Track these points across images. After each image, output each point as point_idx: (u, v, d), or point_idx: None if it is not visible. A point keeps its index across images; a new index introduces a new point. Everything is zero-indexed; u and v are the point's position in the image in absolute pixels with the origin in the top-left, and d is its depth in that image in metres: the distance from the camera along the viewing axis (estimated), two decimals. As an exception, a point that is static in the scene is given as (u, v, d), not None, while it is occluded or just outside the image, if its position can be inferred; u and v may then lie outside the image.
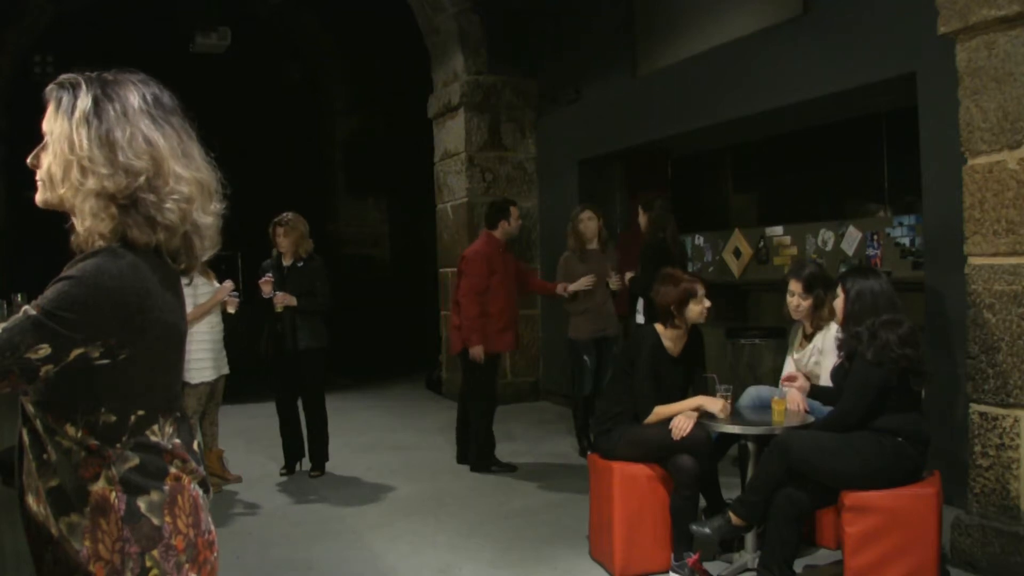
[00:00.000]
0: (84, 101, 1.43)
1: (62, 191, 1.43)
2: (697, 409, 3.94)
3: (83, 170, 1.41)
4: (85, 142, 1.41)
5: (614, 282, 6.03)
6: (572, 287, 6.08)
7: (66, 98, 1.44)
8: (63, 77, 1.48)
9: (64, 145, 1.42)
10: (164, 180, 1.44)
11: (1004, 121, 3.60)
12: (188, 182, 1.47)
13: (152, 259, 1.44)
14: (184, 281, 1.56)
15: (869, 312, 3.59)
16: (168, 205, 1.44)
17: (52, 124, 1.45)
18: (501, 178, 8.94)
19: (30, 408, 1.40)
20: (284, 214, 5.84)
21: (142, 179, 1.42)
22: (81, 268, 1.36)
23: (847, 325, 3.70)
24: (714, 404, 3.93)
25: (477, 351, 5.78)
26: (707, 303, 4.07)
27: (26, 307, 1.35)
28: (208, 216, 1.51)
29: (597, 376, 6.17)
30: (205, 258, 1.56)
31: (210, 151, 1.55)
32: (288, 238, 5.77)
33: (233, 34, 10.13)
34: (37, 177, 1.48)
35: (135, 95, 1.46)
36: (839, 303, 3.77)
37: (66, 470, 1.39)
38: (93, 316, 1.34)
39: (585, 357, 6.17)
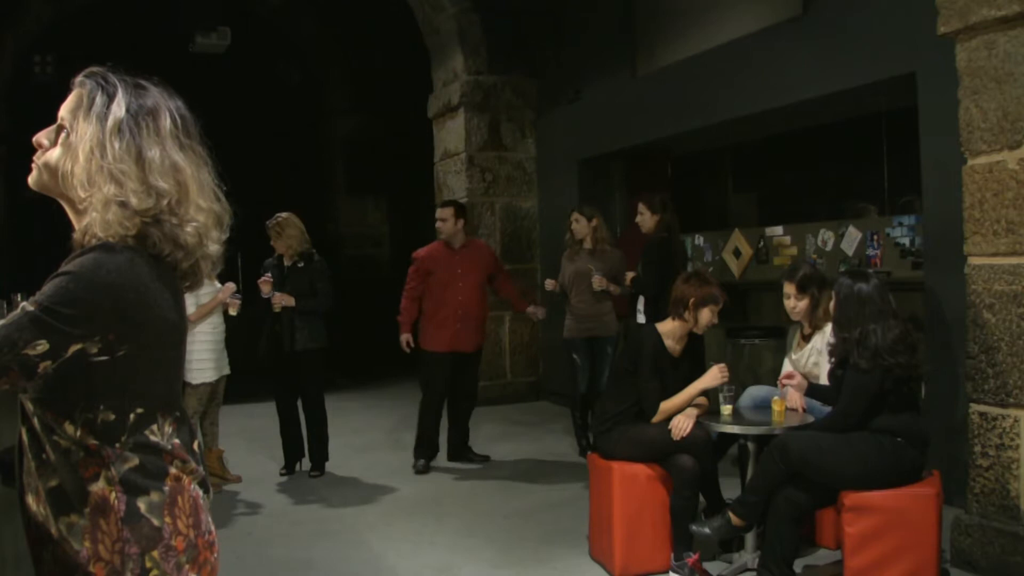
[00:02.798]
0: (119, 109, 1.42)
1: (84, 194, 1.41)
2: (701, 394, 3.98)
3: (114, 179, 1.40)
4: (119, 152, 1.41)
5: (596, 283, 6.03)
6: (547, 287, 6.43)
7: (100, 99, 1.43)
8: (97, 71, 1.46)
9: (95, 150, 1.41)
10: (185, 209, 1.46)
11: (1004, 121, 3.60)
12: (206, 212, 1.49)
13: (150, 258, 1.44)
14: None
15: (857, 317, 3.59)
16: (188, 229, 1.46)
17: (76, 117, 1.43)
18: (501, 178, 8.94)
19: (29, 406, 1.40)
20: (276, 215, 5.83)
21: (165, 202, 1.43)
22: (79, 263, 1.36)
23: (837, 330, 3.71)
24: (713, 379, 3.96)
25: (401, 339, 6.06)
26: (716, 319, 4.10)
27: (24, 303, 1.34)
28: (216, 244, 1.53)
29: (592, 376, 6.17)
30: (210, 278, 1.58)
31: (223, 184, 1.56)
32: (280, 240, 5.77)
33: (233, 34, 10.13)
34: (37, 159, 1.46)
35: (166, 116, 1.47)
36: (831, 306, 3.79)
37: (65, 470, 1.38)
38: (91, 311, 1.34)
39: (574, 356, 6.18)
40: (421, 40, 9.32)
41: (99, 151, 1.41)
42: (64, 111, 1.46)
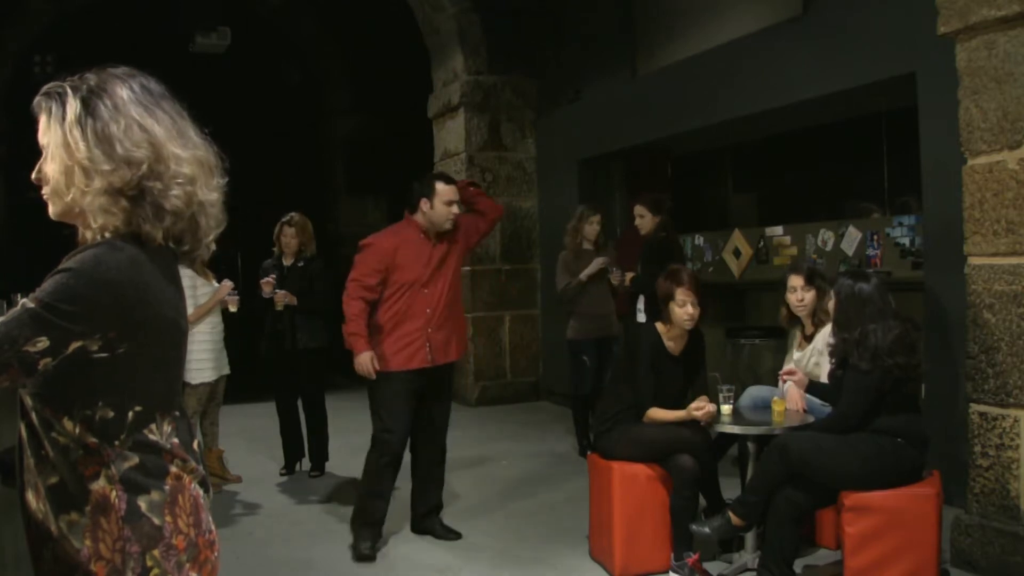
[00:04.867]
0: (73, 104, 1.43)
1: (69, 198, 1.43)
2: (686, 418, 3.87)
3: (86, 171, 1.40)
4: (82, 143, 1.41)
5: (615, 277, 6.03)
6: (584, 273, 6.01)
7: (55, 106, 1.44)
8: (48, 87, 1.47)
9: (63, 152, 1.42)
10: (166, 165, 1.44)
11: (1004, 121, 3.60)
12: (188, 162, 1.46)
13: (152, 254, 1.44)
14: (186, 277, 1.56)
15: (857, 317, 3.59)
16: (174, 191, 1.44)
17: (47, 135, 1.45)
18: (501, 178, 8.95)
19: (28, 400, 1.40)
20: (292, 214, 5.86)
21: (144, 167, 1.42)
22: (80, 260, 1.36)
23: (837, 331, 3.71)
24: (699, 413, 3.82)
25: (362, 360, 4.27)
26: (691, 310, 3.96)
27: (24, 300, 1.34)
28: (212, 192, 1.51)
29: (597, 376, 6.16)
30: (211, 238, 1.54)
31: (204, 129, 1.54)
32: (298, 238, 5.80)
33: (233, 34, 10.13)
34: (43, 192, 1.47)
35: (123, 87, 1.46)
36: (831, 307, 3.79)
37: (65, 467, 1.38)
38: (92, 308, 1.34)
39: (584, 357, 6.16)
40: (421, 40, 9.32)
41: (65, 152, 1.42)
42: (40, 138, 1.47)
